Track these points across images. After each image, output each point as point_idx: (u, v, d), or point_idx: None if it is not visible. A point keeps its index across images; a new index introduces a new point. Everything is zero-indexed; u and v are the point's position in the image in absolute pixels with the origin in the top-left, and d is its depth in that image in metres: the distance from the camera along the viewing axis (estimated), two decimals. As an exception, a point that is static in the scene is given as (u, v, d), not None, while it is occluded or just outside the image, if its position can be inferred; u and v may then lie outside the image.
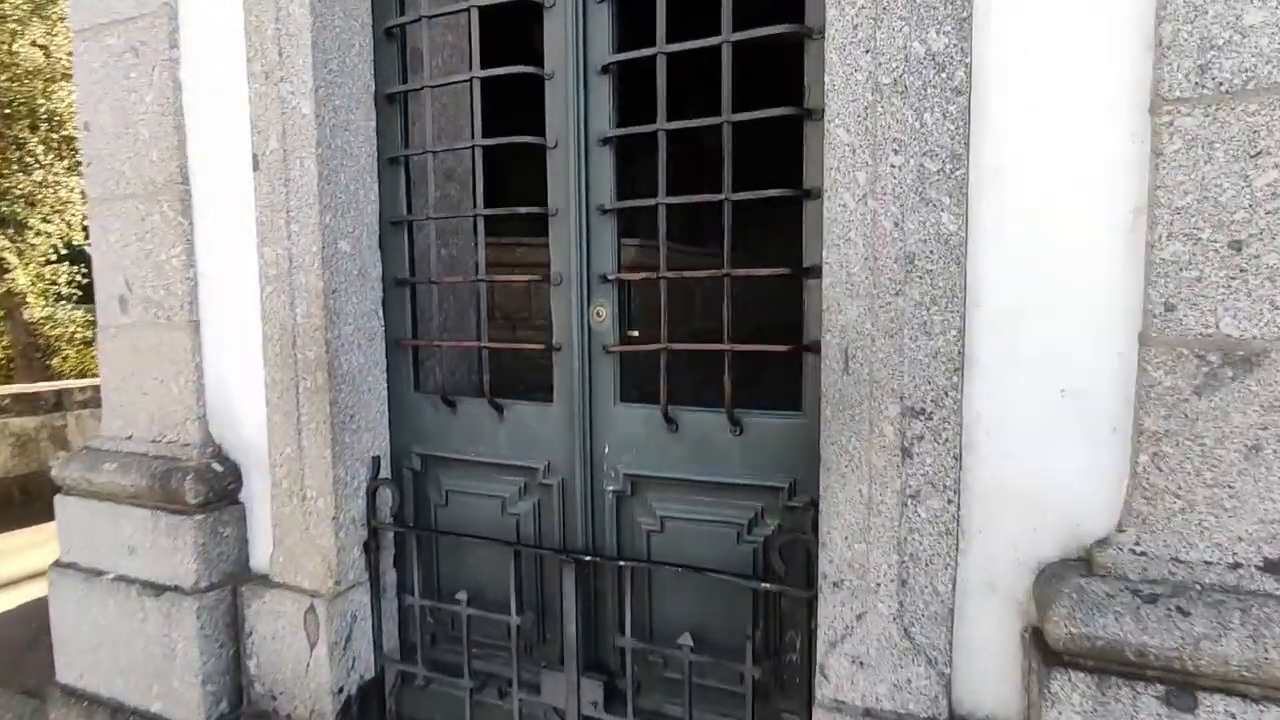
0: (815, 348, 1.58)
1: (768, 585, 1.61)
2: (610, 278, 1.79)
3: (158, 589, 2.09)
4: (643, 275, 1.75)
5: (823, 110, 1.52)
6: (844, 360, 1.39)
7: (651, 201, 1.68)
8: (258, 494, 2.14)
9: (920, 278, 1.32)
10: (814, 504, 1.61)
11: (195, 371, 2.12)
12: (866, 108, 1.33)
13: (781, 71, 2.00)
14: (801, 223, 1.60)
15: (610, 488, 1.85)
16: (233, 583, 2.12)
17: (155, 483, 2.07)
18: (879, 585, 1.40)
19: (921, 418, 1.34)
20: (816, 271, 1.58)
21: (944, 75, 1.28)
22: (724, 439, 1.72)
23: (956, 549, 1.34)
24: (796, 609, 1.65)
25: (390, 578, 2.13)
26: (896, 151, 1.31)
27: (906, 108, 1.30)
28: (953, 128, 1.28)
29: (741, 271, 1.63)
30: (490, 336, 1.94)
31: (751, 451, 1.69)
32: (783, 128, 1.65)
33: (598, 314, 1.83)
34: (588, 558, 1.81)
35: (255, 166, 1.97)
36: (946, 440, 1.33)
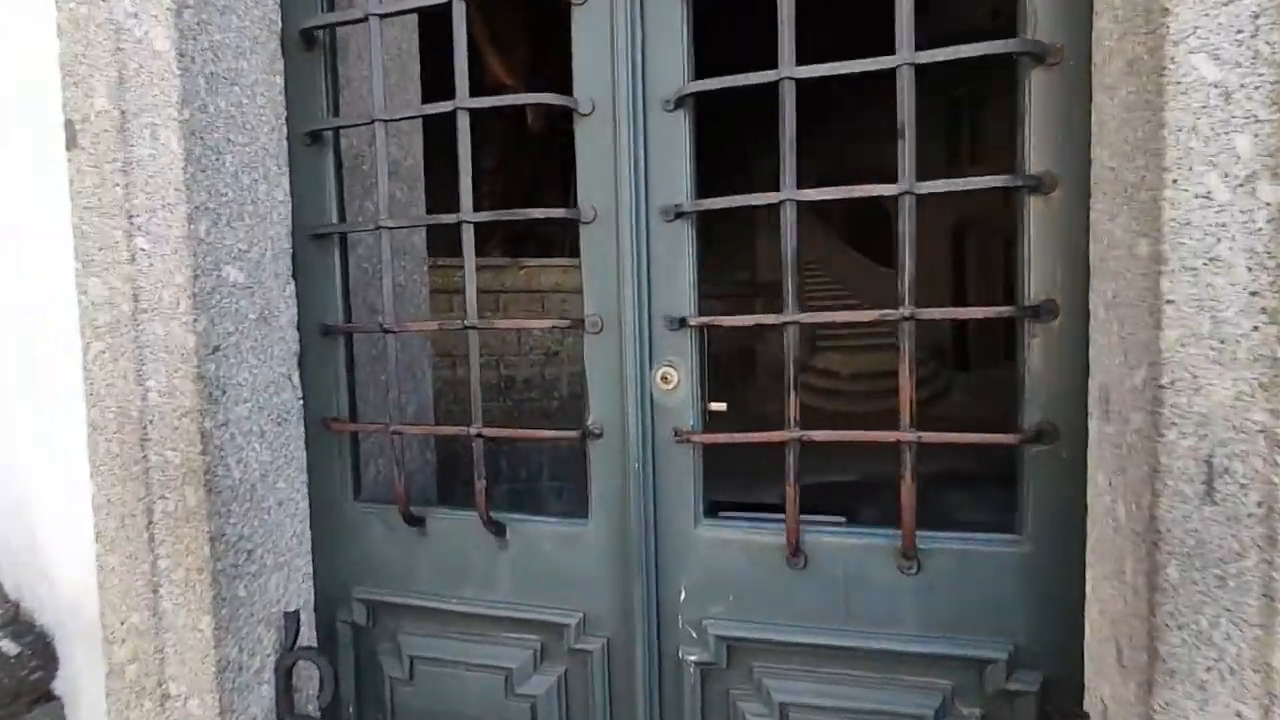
0: (1047, 436, 0.98)
1: (1001, 841, 0.96)
2: (691, 322, 1.11)
3: None
4: (755, 319, 1.08)
5: (1059, 47, 0.94)
6: (1207, 477, 0.77)
7: (775, 197, 1.02)
8: (85, 679, 1.30)
9: (1367, 327, 0.72)
10: (1045, 685, 1.00)
11: (-31, 484, 1.27)
12: (1256, 15, 0.73)
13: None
14: (1022, 233, 0.99)
15: (691, 656, 1.15)
16: (39, 840, 1.26)
17: (-113, 685, 1.20)
18: None
19: (1366, 583, 0.73)
20: (1050, 310, 0.97)
21: None
22: (889, 579, 1.07)
23: None
24: None
25: (317, 796, 1.34)
26: (1328, 94, 0.71)
27: (1347, 12, 0.70)
28: None
29: (935, 313, 0.98)
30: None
31: (937, 600, 1.05)
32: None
33: (664, 379, 1.14)
34: (665, 782, 1.10)
35: (71, 142, 1.17)
36: None
